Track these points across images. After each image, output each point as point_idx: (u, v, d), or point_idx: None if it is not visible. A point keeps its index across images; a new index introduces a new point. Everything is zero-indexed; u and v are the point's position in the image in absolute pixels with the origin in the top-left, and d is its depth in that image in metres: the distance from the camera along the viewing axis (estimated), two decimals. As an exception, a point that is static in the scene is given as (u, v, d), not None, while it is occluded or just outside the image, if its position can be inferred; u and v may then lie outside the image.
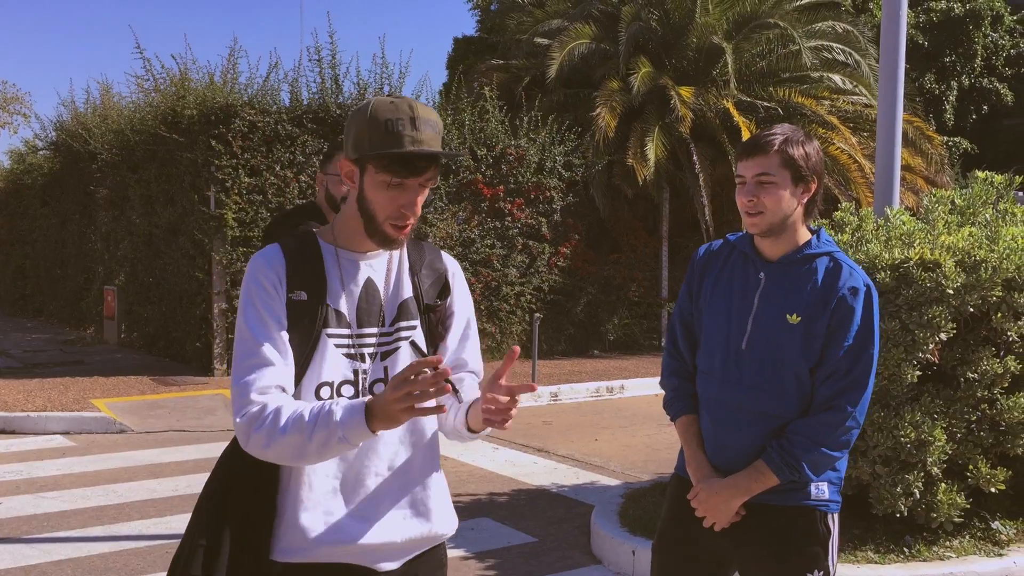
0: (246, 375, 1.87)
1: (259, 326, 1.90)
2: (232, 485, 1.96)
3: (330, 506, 1.93)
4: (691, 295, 2.57)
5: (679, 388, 2.58)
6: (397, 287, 2.04)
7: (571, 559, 5.07)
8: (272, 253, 1.97)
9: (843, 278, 2.35)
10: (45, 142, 17.00)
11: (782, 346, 2.34)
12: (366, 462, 1.96)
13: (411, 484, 2.02)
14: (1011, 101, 22.91)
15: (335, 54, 11.65)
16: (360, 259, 2.01)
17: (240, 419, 1.85)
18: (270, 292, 1.92)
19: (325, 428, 1.78)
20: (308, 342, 1.92)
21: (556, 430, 8.36)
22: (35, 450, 7.69)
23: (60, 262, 16.18)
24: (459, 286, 2.14)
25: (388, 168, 1.90)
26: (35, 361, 11.88)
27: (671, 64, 14.36)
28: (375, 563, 1.98)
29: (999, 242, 4.55)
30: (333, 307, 1.95)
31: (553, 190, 13.27)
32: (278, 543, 1.92)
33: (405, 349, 2.01)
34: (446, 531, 2.09)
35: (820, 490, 2.40)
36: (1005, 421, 4.51)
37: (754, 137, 2.42)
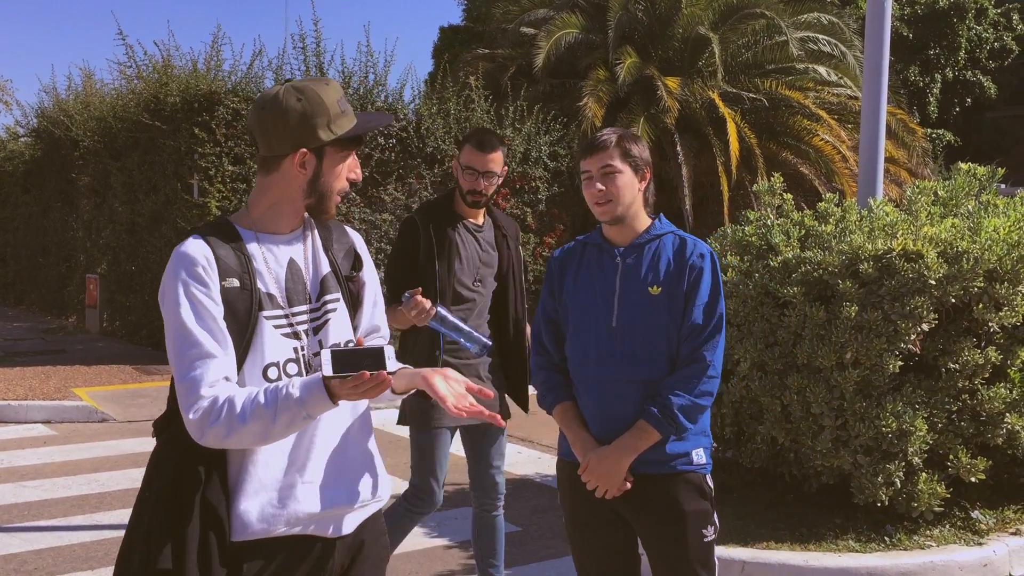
0: (191, 371, 1.89)
1: (196, 318, 1.92)
2: (184, 471, 1.94)
3: (281, 480, 1.99)
4: (553, 294, 2.81)
5: (549, 380, 2.79)
6: (316, 264, 2.12)
7: (555, 548, 5.08)
8: (195, 244, 1.99)
9: (690, 248, 2.68)
10: (26, 129, 16.84)
11: (649, 316, 2.63)
12: (311, 435, 2.03)
13: (353, 452, 2.11)
14: (994, 94, 23.04)
15: (319, 42, 11.61)
16: (280, 241, 2.09)
17: (193, 416, 1.87)
18: (204, 282, 1.95)
19: (287, 410, 1.86)
20: (246, 326, 1.97)
21: (540, 420, 8.35)
22: (16, 439, 7.64)
23: (42, 250, 16.05)
24: (366, 256, 2.26)
25: (348, 145, 2.05)
26: (16, 350, 11.79)
27: (657, 54, 14.36)
28: (328, 531, 2.06)
29: (981, 233, 4.57)
30: (264, 290, 2.02)
31: (538, 180, 13.25)
32: (235, 523, 1.96)
33: (334, 321, 2.09)
34: (383, 492, 2.20)
35: (699, 455, 2.69)
36: (985, 411, 4.55)
37: (593, 137, 2.71)
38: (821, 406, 4.52)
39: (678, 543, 2.65)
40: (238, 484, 1.96)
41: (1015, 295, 4.51)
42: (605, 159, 2.64)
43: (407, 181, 12.06)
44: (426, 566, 4.83)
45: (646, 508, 2.66)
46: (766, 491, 5.08)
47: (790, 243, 4.91)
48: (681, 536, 2.64)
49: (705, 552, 2.67)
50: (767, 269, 4.82)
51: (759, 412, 4.82)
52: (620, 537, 2.75)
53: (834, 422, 4.54)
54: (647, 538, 2.72)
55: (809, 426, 4.63)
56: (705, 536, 2.67)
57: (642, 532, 2.72)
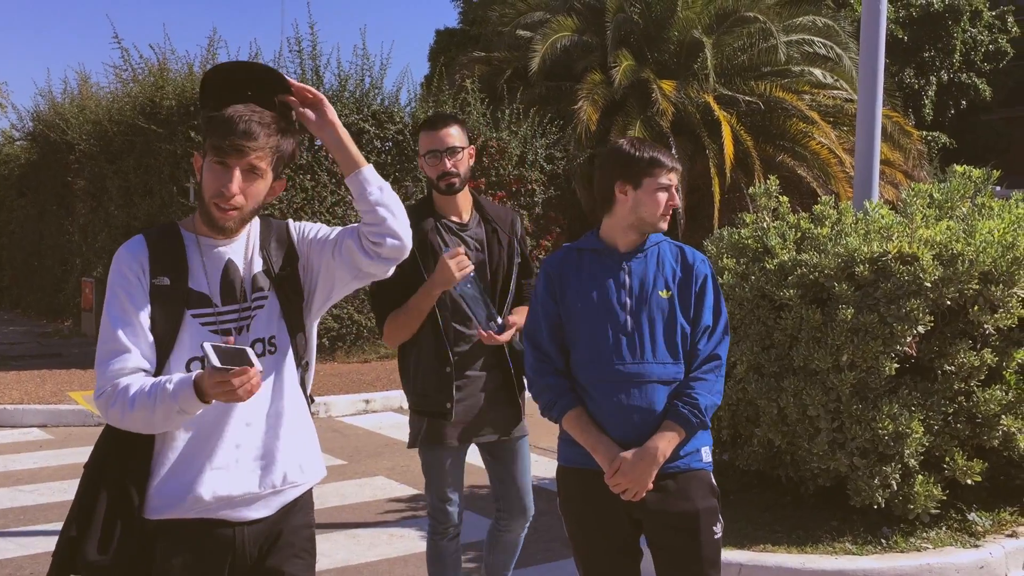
0: (104, 359, 2.07)
1: (120, 314, 2.09)
2: (109, 451, 2.12)
3: (191, 464, 2.11)
4: (555, 299, 2.79)
5: (557, 385, 2.75)
6: (250, 264, 2.21)
7: (552, 551, 5.08)
8: (135, 244, 2.16)
9: (691, 255, 2.81)
10: (22, 132, 16.81)
11: (662, 317, 2.70)
12: (223, 422, 2.13)
13: (268, 439, 2.19)
14: (989, 96, 23.07)
15: (315, 45, 11.61)
16: (219, 244, 2.19)
17: (96, 398, 2.07)
18: (132, 281, 2.11)
19: (163, 402, 1.98)
20: (172, 322, 2.10)
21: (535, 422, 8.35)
22: (11, 443, 7.62)
23: (37, 254, 16.01)
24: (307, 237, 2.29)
25: (215, 148, 2.08)
26: (12, 354, 11.77)
27: (653, 57, 14.38)
28: (238, 513, 2.15)
29: (976, 236, 4.58)
30: (195, 289, 2.14)
31: (535, 183, 13.26)
32: (150, 502, 2.09)
33: (259, 316, 2.19)
34: (303, 479, 2.25)
35: (707, 453, 2.76)
36: (981, 413, 4.55)
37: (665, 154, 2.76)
38: (817, 408, 4.53)
39: (692, 541, 2.68)
40: (155, 466, 2.11)
41: (1010, 297, 4.52)
42: (678, 177, 2.79)
43: (403, 184, 12.06)
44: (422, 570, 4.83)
45: (660, 508, 2.68)
46: (763, 494, 5.08)
47: (786, 246, 4.92)
48: (695, 534, 2.68)
49: (715, 550, 2.71)
50: (763, 272, 4.83)
51: (755, 415, 4.83)
52: (630, 542, 2.77)
53: (830, 424, 4.54)
54: (659, 537, 2.72)
55: (805, 428, 4.63)
56: (715, 533, 2.72)
57: (654, 532, 2.73)
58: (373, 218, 2.15)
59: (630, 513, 2.71)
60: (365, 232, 2.16)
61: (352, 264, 2.20)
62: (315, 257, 2.27)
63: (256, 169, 2.11)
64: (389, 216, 2.16)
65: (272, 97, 2.15)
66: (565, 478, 2.84)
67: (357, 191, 2.17)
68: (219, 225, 2.13)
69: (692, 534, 2.67)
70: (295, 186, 11.15)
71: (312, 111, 2.17)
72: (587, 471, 2.71)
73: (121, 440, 2.10)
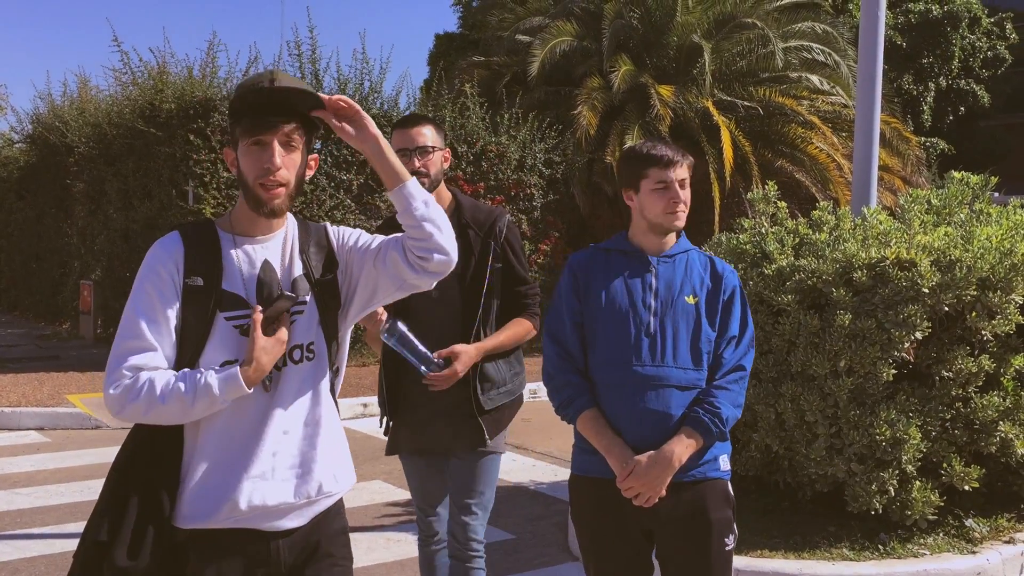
0: (123, 353, 2.03)
1: (147, 311, 2.04)
2: (137, 455, 2.06)
3: (226, 473, 2.06)
4: (579, 297, 2.75)
5: (576, 384, 2.72)
6: (290, 267, 2.17)
7: (548, 556, 5.08)
8: (172, 241, 2.11)
9: (720, 265, 2.77)
10: (21, 135, 16.82)
11: (687, 323, 2.67)
12: (264, 427, 2.09)
13: (304, 447, 2.15)
14: (987, 103, 23.12)
15: (315, 49, 11.64)
16: (255, 243, 2.15)
17: (113, 390, 2.01)
18: (164, 279, 2.06)
19: (206, 398, 1.99)
20: (204, 324, 2.06)
21: (535, 427, 8.36)
22: (9, 446, 7.61)
23: (36, 256, 16.01)
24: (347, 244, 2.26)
25: (248, 130, 2.05)
26: (9, 356, 11.75)
27: (652, 63, 14.40)
28: (271, 526, 2.11)
29: (974, 242, 4.59)
30: (229, 290, 2.09)
31: (533, 187, 13.27)
32: (181, 510, 2.05)
33: (299, 322, 2.15)
34: (337, 488, 2.22)
35: (725, 462, 2.70)
36: (979, 419, 4.56)
37: (668, 148, 2.71)
38: (815, 414, 4.53)
39: (702, 552, 2.63)
40: (187, 473, 2.06)
41: (1008, 303, 4.52)
42: (683, 172, 2.70)
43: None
44: (420, 574, 4.82)
45: (673, 516, 2.63)
46: (760, 499, 5.08)
47: (784, 251, 4.92)
48: (705, 545, 2.63)
49: (726, 562, 2.67)
50: (761, 277, 4.83)
51: (753, 420, 4.83)
52: (642, 555, 2.72)
53: (828, 430, 4.54)
54: (669, 546, 2.68)
55: (803, 434, 4.63)
56: (727, 545, 2.67)
57: (664, 541, 2.68)
58: (419, 233, 2.10)
59: (642, 524, 2.66)
60: (410, 246, 2.12)
61: (396, 276, 2.16)
62: (355, 265, 2.23)
63: (292, 141, 2.08)
64: (435, 231, 2.11)
65: (306, 111, 2.11)
66: (578, 487, 2.80)
67: (402, 205, 2.11)
68: (268, 206, 2.08)
69: (703, 545, 2.63)
70: (294, 190, 11.14)
71: (349, 125, 2.11)
72: (601, 480, 2.66)
73: (150, 443, 2.06)
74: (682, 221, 2.72)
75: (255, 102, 2.05)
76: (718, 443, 2.67)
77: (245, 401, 2.06)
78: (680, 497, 2.63)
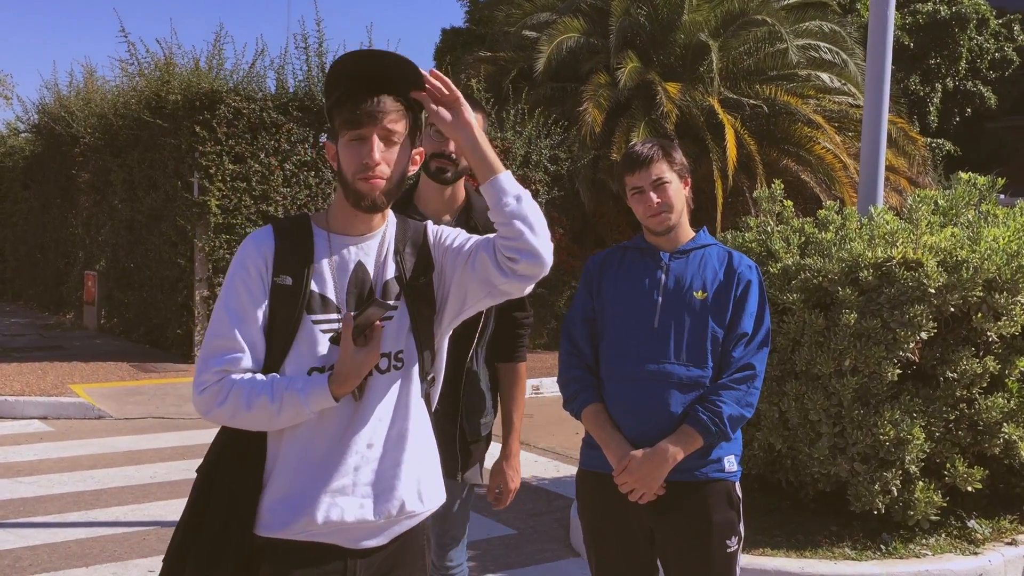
0: (213, 353, 1.95)
1: (237, 310, 1.96)
2: (221, 459, 2.00)
3: (307, 485, 1.96)
4: (591, 293, 2.77)
5: (583, 379, 2.72)
6: (383, 269, 2.05)
7: (550, 551, 5.08)
8: (263, 236, 2.01)
9: (737, 259, 2.71)
10: (27, 124, 16.84)
11: (693, 319, 2.63)
12: (347, 439, 1.99)
13: (387, 463, 2.03)
14: (994, 104, 23.06)
15: (322, 42, 11.61)
16: (351, 243, 2.04)
17: (200, 393, 1.94)
18: (253, 276, 1.97)
19: (292, 408, 1.91)
20: (290, 326, 1.96)
21: (537, 423, 8.36)
22: (12, 435, 7.63)
23: (40, 246, 16.04)
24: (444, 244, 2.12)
25: (347, 122, 1.93)
26: (13, 345, 11.78)
27: (658, 60, 14.37)
28: (354, 542, 2.01)
29: (981, 243, 4.58)
30: (319, 292, 1.98)
31: (538, 183, 13.26)
32: (261, 517, 1.96)
33: (388, 328, 2.01)
34: (421, 508, 2.09)
35: (731, 463, 2.66)
36: (983, 421, 4.55)
37: (635, 153, 2.68)
38: (819, 413, 4.52)
39: (701, 553, 2.61)
40: (268, 479, 1.98)
41: (1014, 305, 4.52)
42: (655, 172, 2.65)
43: None
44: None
45: (672, 516, 2.62)
46: (763, 498, 5.08)
47: (790, 250, 4.92)
48: (705, 547, 2.60)
49: (727, 563, 2.63)
50: (767, 275, 4.83)
51: (757, 419, 4.82)
52: (644, 551, 2.70)
53: (832, 429, 4.54)
54: (669, 547, 2.66)
55: (807, 433, 4.63)
56: (729, 547, 2.63)
57: (664, 541, 2.67)
58: (509, 231, 1.94)
59: (644, 523, 2.65)
60: (500, 246, 1.96)
61: (486, 280, 2.00)
62: (449, 268, 2.09)
63: (393, 135, 1.95)
64: (527, 230, 1.93)
65: (405, 90, 1.97)
66: (583, 482, 2.80)
67: (493, 200, 1.96)
68: (368, 200, 1.96)
69: (703, 547, 2.60)
70: (299, 183, 11.15)
71: (447, 110, 1.98)
72: (605, 476, 2.65)
73: (235, 447, 1.99)
74: (664, 223, 2.67)
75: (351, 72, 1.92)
76: (724, 443, 2.64)
77: (329, 411, 1.96)
78: (682, 498, 2.60)
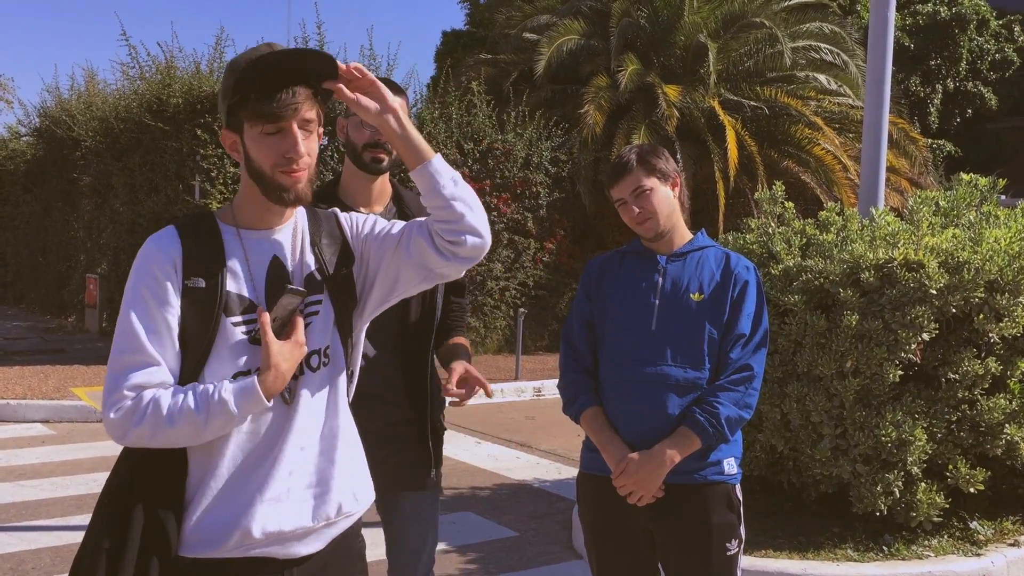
0: (123, 370, 1.79)
1: (145, 319, 1.80)
2: (135, 479, 1.83)
3: (240, 496, 1.85)
4: (590, 297, 2.77)
5: (580, 382, 2.73)
6: (302, 261, 1.95)
7: (552, 553, 5.08)
8: (168, 238, 1.87)
9: (735, 260, 2.69)
10: (28, 128, 16.87)
11: (690, 321, 2.62)
12: (279, 443, 1.88)
13: (324, 461, 1.95)
14: (995, 105, 23.06)
15: (323, 45, 11.64)
16: (263, 237, 1.93)
17: (114, 414, 1.77)
18: (161, 281, 1.82)
19: (220, 415, 1.77)
20: (207, 331, 1.83)
21: (539, 425, 8.36)
22: (14, 438, 7.63)
23: (42, 249, 16.05)
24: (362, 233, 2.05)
25: (261, 115, 1.82)
26: (15, 349, 11.79)
27: (659, 62, 14.38)
28: (288, 549, 1.90)
29: (982, 244, 4.58)
30: (236, 292, 1.86)
31: (539, 185, 13.27)
32: (186, 538, 1.82)
33: (315, 324, 1.93)
34: (357, 508, 2.02)
35: (730, 465, 2.66)
36: (985, 422, 4.55)
37: (615, 163, 2.68)
38: (821, 415, 4.52)
39: (701, 557, 2.60)
40: (195, 496, 1.84)
41: (1016, 306, 4.51)
42: (632, 183, 2.64)
43: (408, 185, 12.08)
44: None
45: (671, 519, 2.62)
46: (765, 499, 5.08)
47: (791, 251, 4.92)
48: (705, 550, 2.60)
49: (728, 566, 2.62)
50: (768, 277, 4.83)
51: (758, 420, 4.82)
52: (645, 554, 2.70)
53: (833, 431, 4.54)
54: (668, 550, 2.66)
55: (808, 435, 4.63)
56: (729, 550, 2.62)
57: (663, 543, 2.67)
58: (449, 214, 1.88)
59: (644, 525, 2.65)
60: (439, 230, 1.89)
61: (422, 264, 1.94)
62: (372, 256, 2.01)
63: (310, 124, 1.87)
64: (467, 211, 1.88)
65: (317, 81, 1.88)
66: (583, 484, 2.79)
67: (426, 186, 1.89)
68: (292, 193, 1.85)
69: (702, 550, 2.60)
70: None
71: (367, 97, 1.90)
72: (605, 479, 2.65)
73: (150, 463, 1.83)
74: (652, 229, 2.67)
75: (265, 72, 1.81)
76: (723, 446, 2.64)
77: (260, 416, 1.86)
78: (681, 500, 2.60)
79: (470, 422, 8.44)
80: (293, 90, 1.83)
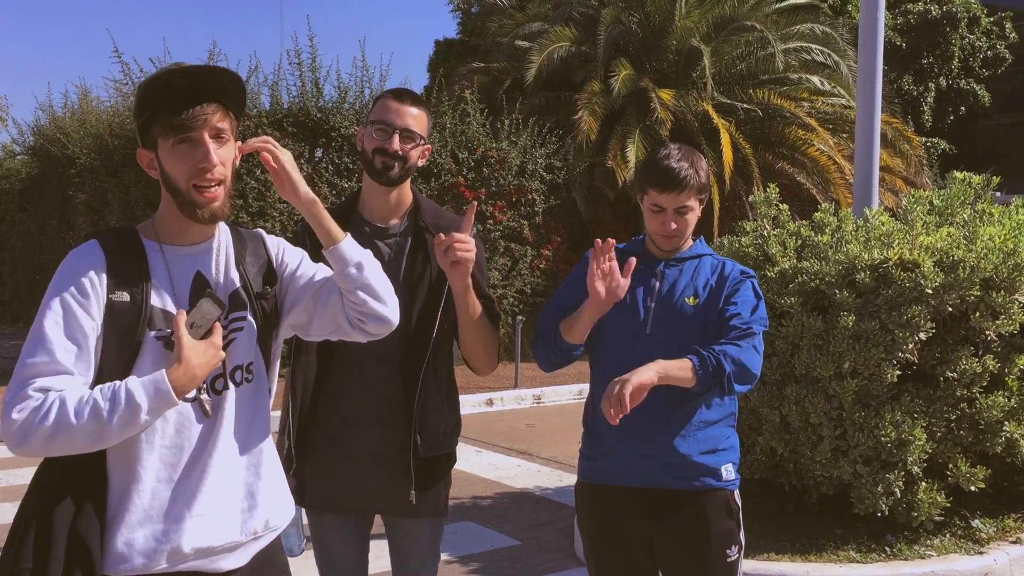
0: (29, 373, 1.75)
1: (62, 329, 1.78)
2: (54, 498, 1.78)
3: (167, 511, 1.83)
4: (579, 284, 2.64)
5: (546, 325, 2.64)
6: (227, 278, 1.98)
7: (554, 562, 5.07)
8: (91, 252, 1.86)
9: (730, 267, 2.70)
10: (22, 147, 16.86)
11: (685, 326, 2.61)
12: (207, 458, 1.88)
13: (252, 475, 1.97)
14: (988, 102, 23.13)
15: (315, 57, 11.65)
16: (186, 253, 1.94)
17: (17, 414, 1.72)
18: (86, 293, 1.81)
19: (126, 410, 1.73)
20: (130, 345, 1.82)
21: (539, 433, 8.36)
22: (13, 457, 7.62)
23: (39, 268, 16.03)
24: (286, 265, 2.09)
25: (172, 127, 1.83)
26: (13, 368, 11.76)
27: (651, 66, 14.41)
28: (215, 564, 1.89)
29: (977, 242, 4.58)
30: (160, 307, 1.86)
31: (535, 193, 13.28)
32: (110, 556, 1.79)
33: (239, 340, 1.95)
34: (281, 522, 2.04)
35: (728, 471, 2.64)
36: (984, 420, 4.55)
37: (669, 170, 2.58)
38: (820, 416, 4.52)
39: (701, 564, 2.59)
40: (118, 513, 1.80)
41: (1011, 303, 4.52)
42: (683, 199, 2.59)
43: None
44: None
45: (670, 526, 2.61)
46: (766, 502, 5.07)
47: (787, 253, 4.92)
48: (705, 557, 2.59)
49: (728, 572, 2.62)
50: (764, 280, 4.83)
51: (758, 423, 4.82)
52: (645, 561, 2.69)
53: (833, 432, 4.53)
54: (668, 556, 2.65)
55: (808, 436, 4.63)
56: (729, 556, 2.61)
57: (663, 551, 2.66)
58: (353, 298, 1.98)
59: (643, 534, 2.64)
60: (347, 303, 1.99)
61: (333, 322, 2.03)
62: (292, 293, 2.06)
63: (223, 132, 1.88)
64: (369, 299, 1.98)
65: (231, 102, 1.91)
66: (582, 493, 2.78)
67: (335, 267, 1.98)
68: (207, 210, 1.87)
69: (703, 557, 2.59)
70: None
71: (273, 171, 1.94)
72: (604, 487, 2.65)
73: (69, 478, 1.78)
74: (673, 244, 2.65)
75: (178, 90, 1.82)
76: (720, 452, 2.61)
77: (185, 430, 1.86)
78: (679, 507, 2.59)
79: (470, 431, 8.43)
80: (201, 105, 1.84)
